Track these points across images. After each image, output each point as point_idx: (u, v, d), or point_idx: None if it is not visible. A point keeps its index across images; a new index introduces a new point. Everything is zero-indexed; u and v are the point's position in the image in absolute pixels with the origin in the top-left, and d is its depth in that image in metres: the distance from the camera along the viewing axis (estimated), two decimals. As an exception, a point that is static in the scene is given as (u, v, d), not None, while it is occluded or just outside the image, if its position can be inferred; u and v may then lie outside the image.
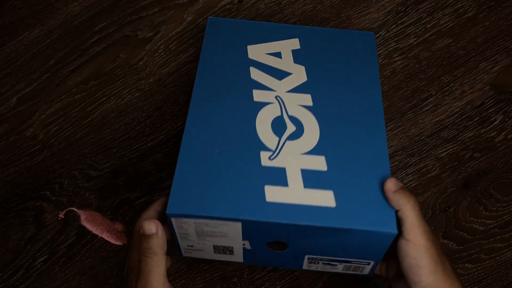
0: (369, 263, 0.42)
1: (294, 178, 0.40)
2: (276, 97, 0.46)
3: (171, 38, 0.59)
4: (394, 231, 0.38)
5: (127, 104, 0.57)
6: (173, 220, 0.38)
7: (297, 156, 0.42)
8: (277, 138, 0.43)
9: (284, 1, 0.59)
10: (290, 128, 0.44)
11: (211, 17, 0.54)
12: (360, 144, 0.43)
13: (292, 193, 0.39)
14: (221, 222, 0.38)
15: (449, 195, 0.53)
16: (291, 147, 0.42)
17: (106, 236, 0.46)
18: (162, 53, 0.59)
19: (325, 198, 0.39)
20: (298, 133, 0.43)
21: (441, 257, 0.38)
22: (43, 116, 0.57)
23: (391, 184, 0.39)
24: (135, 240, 0.40)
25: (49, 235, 0.52)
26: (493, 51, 0.57)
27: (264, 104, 0.45)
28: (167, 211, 0.38)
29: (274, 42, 0.50)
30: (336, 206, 0.39)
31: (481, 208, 0.52)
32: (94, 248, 0.52)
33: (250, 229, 0.39)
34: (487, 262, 0.50)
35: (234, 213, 0.38)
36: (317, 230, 0.38)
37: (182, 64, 0.59)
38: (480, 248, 0.51)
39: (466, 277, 0.50)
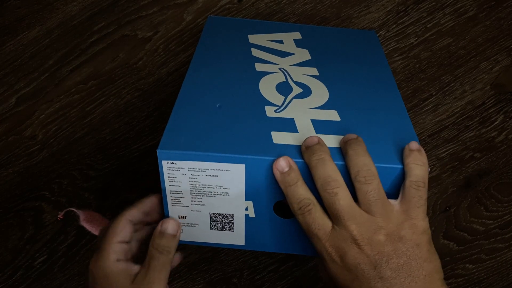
0: None
1: (305, 126, 0.36)
2: (279, 68, 0.42)
3: (171, 38, 0.59)
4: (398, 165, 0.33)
5: (126, 104, 0.57)
6: (164, 165, 0.33)
7: (306, 110, 0.37)
8: (283, 97, 0.38)
9: (284, 1, 0.58)
10: (297, 90, 0.39)
11: (211, 16, 0.53)
12: (374, 99, 0.39)
13: (303, 137, 0.34)
14: (221, 166, 0.33)
15: (449, 195, 0.52)
16: (299, 103, 0.38)
17: (105, 236, 0.46)
18: (162, 53, 0.58)
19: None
20: (305, 93, 0.39)
21: None
22: (42, 116, 0.56)
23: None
24: (113, 230, 0.37)
25: (48, 235, 0.52)
26: (494, 51, 0.57)
27: (267, 73, 0.41)
28: (158, 149, 0.33)
29: (275, 33, 0.48)
30: None
31: (482, 208, 0.52)
32: (94, 249, 0.52)
33: (254, 180, 0.34)
34: (487, 262, 0.50)
35: (237, 151, 0.33)
36: None
37: (181, 63, 0.58)
38: (480, 249, 0.50)
39: (466, 277, 0.49)
